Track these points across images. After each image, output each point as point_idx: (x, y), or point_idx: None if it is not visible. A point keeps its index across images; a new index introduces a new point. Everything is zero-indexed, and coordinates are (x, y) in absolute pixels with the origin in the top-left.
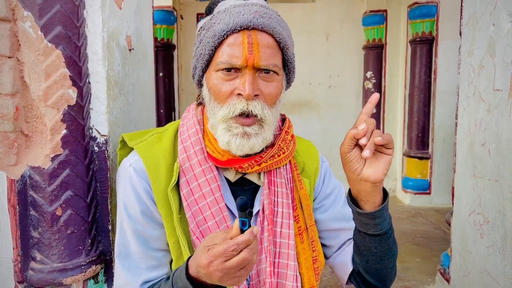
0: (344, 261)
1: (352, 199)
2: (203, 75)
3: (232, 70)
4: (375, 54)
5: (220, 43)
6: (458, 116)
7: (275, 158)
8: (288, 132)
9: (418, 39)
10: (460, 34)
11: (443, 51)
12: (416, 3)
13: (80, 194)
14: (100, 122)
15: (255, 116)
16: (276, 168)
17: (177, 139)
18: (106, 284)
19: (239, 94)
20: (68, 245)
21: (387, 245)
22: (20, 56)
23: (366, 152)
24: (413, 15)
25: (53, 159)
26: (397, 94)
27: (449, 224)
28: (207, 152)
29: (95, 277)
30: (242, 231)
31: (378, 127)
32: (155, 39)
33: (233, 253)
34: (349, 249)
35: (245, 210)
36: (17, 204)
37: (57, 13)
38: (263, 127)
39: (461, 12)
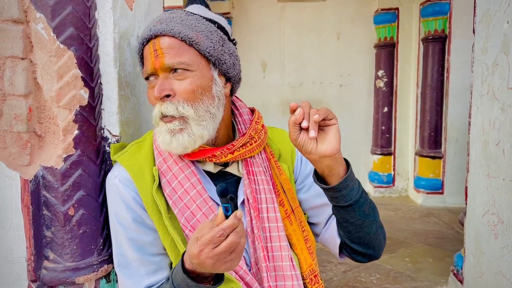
0: (332, 235)
1: (320, 179)
2: None
3: (151, 77)
4: (387, 52)
5: (142, 58)
6: (471, 115)
7: (247, 146)
8: (258, 122)
9: (430, 37)
10: (474, 32)
11: (456, 49)
12: (429, 0)
13: (92, 194)
14: (111, 123)
15: (172, 116)
16: (251, 158)
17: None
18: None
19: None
20: (80, 244)
21: (362, 213)
22: (33, 58)
23: (312, 133)
24: (426, 12)
25: (65, 159)
26: (409, 93)
27: (462, 224)
28: None
29: (107, 276)
30: (226, 217)
31: (389, 126)
32: None
33: (221, 239)
34: (334, 223)
35: (226, 196)
36: (30, 204)
37: (69, 15)
38: (188, 122)
39: (474, 9)
